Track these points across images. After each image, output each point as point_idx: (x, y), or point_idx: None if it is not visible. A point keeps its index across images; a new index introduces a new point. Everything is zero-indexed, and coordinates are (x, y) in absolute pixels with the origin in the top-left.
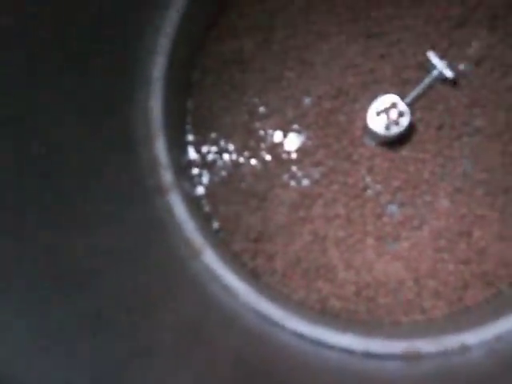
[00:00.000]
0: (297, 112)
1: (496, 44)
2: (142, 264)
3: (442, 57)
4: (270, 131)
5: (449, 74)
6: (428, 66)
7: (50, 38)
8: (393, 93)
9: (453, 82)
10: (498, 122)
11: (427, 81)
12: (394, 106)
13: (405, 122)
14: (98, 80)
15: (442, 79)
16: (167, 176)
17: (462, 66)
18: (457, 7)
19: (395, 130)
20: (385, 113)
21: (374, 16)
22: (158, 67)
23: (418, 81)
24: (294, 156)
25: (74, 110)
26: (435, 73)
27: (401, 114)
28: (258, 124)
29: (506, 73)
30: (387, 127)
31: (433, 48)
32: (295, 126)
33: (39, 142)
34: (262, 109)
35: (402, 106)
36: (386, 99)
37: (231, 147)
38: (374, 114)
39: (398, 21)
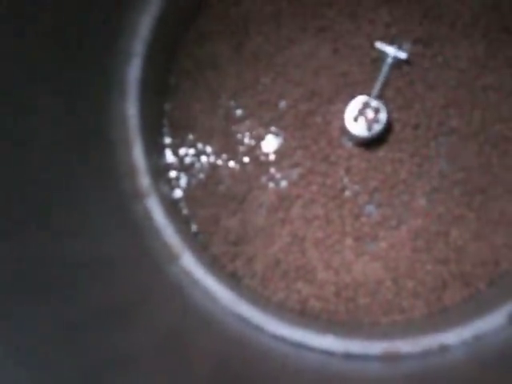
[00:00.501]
0: (273, 115)
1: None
2: (120, 269)
3: (390, 42)
4: (247, 134)
5: (402, 55)
6: (382, 56)
7: (24, 42)
8: (366, 92)
9: (407, 63)
10: (473, 122)
11: (384, 69)
12: (367, 105)
13: (383, 117)
14: (74, 84)
15: (399, 63)
16: (145, 180)
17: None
18: None
19: (377, 128)
20: (361, 114)
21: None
22: (134, 70)
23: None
24: (271, 158)
25: (50, 114)
26: (389, 60)
27: (377, 111)
28: (234, 127)
29: (481, 73)
30: (369, 128)
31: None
32: (272, 129)
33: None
34: (238, 112)
35: (375, 102)
36: (358, 101)
37: (209, 150)
38: (352, 118)
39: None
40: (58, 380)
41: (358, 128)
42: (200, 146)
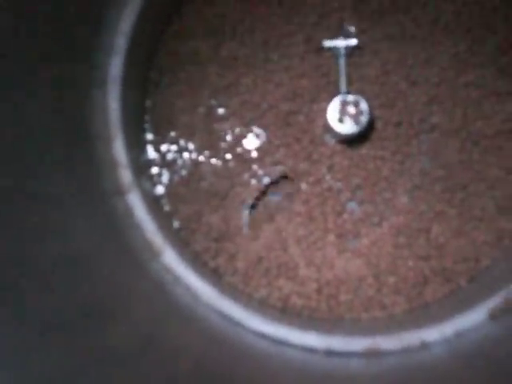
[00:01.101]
0: (255, 114)
1: None
2: (101, 266)
3: (335, 36)
4: (229, 132)
5: (354, 42)
6: (335, 51)
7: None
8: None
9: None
10: (455, 119)
11: (342, 62)
12: (347, 102)
13: (364, 106)
14: (55, 79)
15: (353, 50)
16: (126, 176)
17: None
18: None
19: (364, 120)
20: (344, 111)
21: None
22: (116, 66)
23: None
24: (254, 155)
25: (31, 109)
26: (342, 51)
27: (356, 104)
28: (216, 125)
29: (463, 70)
30: (356, 121)
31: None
32: (254, 128)
33: None
34: (220, 110)
35: (350, 97)
36: (340, 98)
37: (191, 146)
38: (335, 116)
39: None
40: (39, 381)
41: (343, 125)
42: (182, 142)
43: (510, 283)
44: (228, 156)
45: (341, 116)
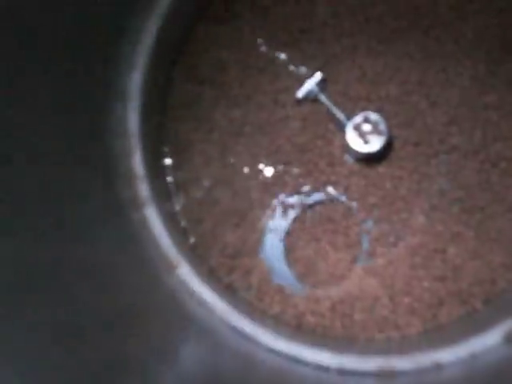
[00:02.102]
0: (271, 149)
1: None
2: (117, 278)
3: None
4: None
5: (318, 76)
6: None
7: (26, 49)
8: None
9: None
10: (474, 140)
11: (324, 99)
12: (367, 120)
13: (383, 125)
14: (76, 91)
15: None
16: (143, 189)
17: None
18: None
19: (383, 138)
20: (363, 132)
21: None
22: (136, 79)
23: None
24: (272, 181)
25: (51, 121)
26: (317, 91)
27: (375, 123)
28: (232, 159)
29: (483, 91)
30: (375, 140)
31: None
32: (270, 161)
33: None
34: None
35: (374, 116)
36: (359, 117)
37: (207, 173)
38: (353, 135)
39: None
40: None
41: (362, 143)
42: (199, 170)
43: None
44: (246, 183)
45: (360, 135)
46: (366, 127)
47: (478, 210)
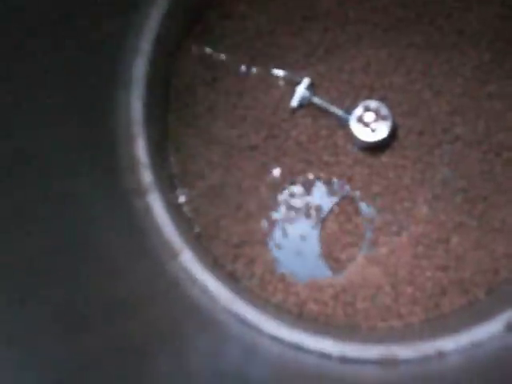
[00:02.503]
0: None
1: None
2: (119, 265)
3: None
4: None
5: (306, 81)
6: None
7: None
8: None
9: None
10: (477, 130)
11: (316, 100)
12: (370, 108)
13: (387, 113)
14: (80, 77)
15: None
16: (147, 176)
17: None
18: None
19: (388, 127)
20: (367, 120)
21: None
22: (139, 67)
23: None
24: (278, 175)
25: (54, 107)
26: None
27: (379, 112)
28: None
29: (486, 81)
30: (379, 128)
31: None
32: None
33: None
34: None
35: (374, 104)
36: (359, 108)
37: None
38: (359, 125)
39: None
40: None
41: (367, 133)
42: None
43: None
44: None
45: (364, 125)
46: (369, 116)
47: (481, 200)
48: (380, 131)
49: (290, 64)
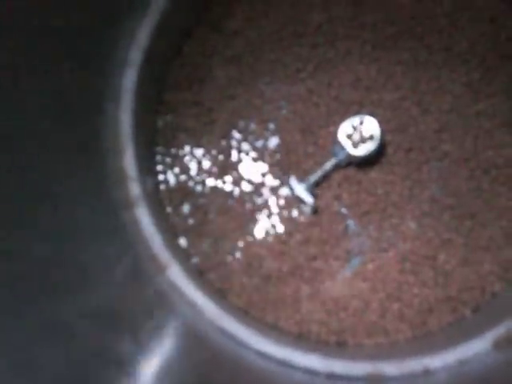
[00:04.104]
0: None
1: None
2: (105, 276)
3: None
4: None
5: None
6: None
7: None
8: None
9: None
10: (465, 148)
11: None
12: (359, 124)
13: (376, 128)
14: (69, 89)
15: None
16: (135, 189)
17: None
18: None
19: (375, 142)
20: (355, 133)
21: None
22: (129, 79)
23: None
24: (265, 189)
25: (42, 118)
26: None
27: (367, 126)
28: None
29: (475, 99)
30: (362, 145)
31: None
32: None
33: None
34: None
35: (367, 119)
36: (351, 121)
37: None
38: (346, 138)
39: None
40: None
41: (353, 147)
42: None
43: None
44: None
45: (352, 138)
46: (358, 131)
47: (469, 217)
48: (368, 146)
49: (279, 79)
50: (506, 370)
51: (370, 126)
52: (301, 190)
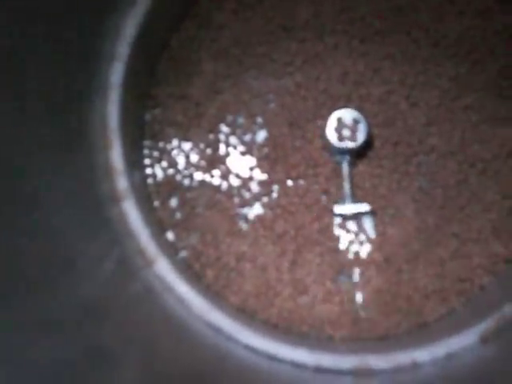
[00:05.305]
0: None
1: None
2: (92, 271)
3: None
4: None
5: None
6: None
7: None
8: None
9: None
10: (452, 141)
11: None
12: (346, 117)
13: (363, 126)
14: (56, 82)
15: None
16: (122, 183)
17: None
18: None
19: (362, 135)
20: (342, 127)
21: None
22: (116, 73)
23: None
24: (253, 183)
25: (30, 111)
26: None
27: (356, 122)
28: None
29: (462, 93)
30: (354, 136)
31: None
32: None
33: None
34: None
35: (353, 113)
36: (337, 114)
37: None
38: (334, 132)
39: None
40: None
41: (342, 140)
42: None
43: (503, 306)
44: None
45: (339, 131)
46: (345, 124)
47: (458, 210)
48: (355, 139)
49: (267, 73)
50: (493, 363)
51: (357, 120)
52: (350, 208)
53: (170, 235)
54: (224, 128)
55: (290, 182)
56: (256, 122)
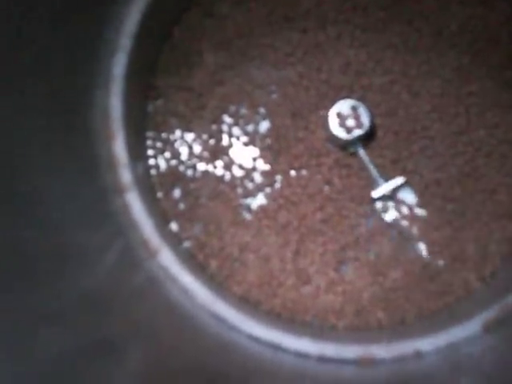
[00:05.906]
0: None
1: None
2: (97, 263)
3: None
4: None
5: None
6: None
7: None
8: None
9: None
10: (456, 129)
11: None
12: (348, 107)
13: (364, 112)
14: (59, 73)
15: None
16: (125, 174)
17: None
18: None
19: (365, 125)
20: (345, 116)
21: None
22: (119, 65)
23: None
24: (256, 173)
25: (33, 102)
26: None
27: (357, 110)
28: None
29: (465, 82)
30: (357, 126)
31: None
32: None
33: None
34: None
35: (354, 102)
36: (340, 104)
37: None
38: (336, 122)
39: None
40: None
41: (343, 130)
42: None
43: (506, 295)
44: (228, 172)
45: (342, 121)
46: (347, 115)
47: (462, 198)
48: (361, 125)
49: (269, 64)
50: (496, 352)
51: (360, 110)
52: (387, 186)
53: (173, 226)
54: (227, 119)
55: (292, 173)
56: (259, 113)
